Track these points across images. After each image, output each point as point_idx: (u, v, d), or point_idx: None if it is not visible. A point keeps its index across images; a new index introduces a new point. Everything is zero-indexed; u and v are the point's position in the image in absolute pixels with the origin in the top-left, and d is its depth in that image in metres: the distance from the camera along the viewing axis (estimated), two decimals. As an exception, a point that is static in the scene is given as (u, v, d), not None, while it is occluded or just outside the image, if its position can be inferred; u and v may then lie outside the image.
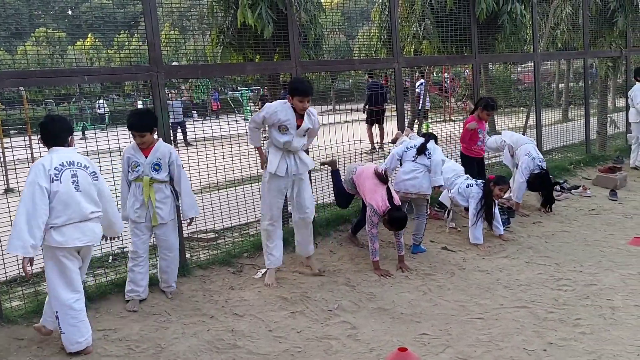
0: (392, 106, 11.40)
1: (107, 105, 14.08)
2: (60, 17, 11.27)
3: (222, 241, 5.67)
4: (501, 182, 5.86)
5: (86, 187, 3.66)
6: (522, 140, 7.09)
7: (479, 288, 4.87)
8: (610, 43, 10.05)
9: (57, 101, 14.93)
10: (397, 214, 5.03)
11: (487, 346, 3.86)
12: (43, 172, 3.51)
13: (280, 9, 5.41)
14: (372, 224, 5.13)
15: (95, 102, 15.87)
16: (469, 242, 5.90)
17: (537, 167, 6.78)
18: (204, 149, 5.38)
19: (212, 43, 5.65)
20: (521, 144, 6.99)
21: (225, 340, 3.98)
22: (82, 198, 3.62)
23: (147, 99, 17.52)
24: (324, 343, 3.96)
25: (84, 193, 3.64)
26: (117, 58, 5.54)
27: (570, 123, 11.32)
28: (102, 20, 7.05)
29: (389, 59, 6.80)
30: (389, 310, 4.46)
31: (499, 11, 7.30)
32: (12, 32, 6.97)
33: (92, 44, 9.37)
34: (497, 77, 11.17)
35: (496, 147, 7.34)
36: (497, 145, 7.28)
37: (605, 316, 4.26)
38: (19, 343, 3.89)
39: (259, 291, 4.79)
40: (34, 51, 5.25)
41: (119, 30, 6.80)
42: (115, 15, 7.52)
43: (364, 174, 5.31)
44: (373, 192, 5.15)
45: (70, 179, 3.59)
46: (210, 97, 14.85)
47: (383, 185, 5.15)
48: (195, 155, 5.32)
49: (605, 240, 6.05)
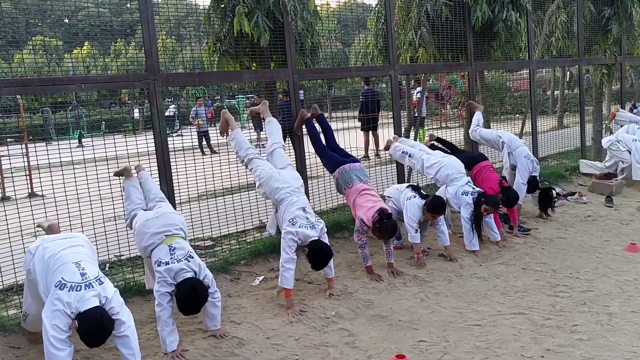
0: (387, 113, 11.48)
1: (104, 112, 14.07)
2: (57, 25, 11.29)
3: (219, 248, 5.66)
4: (490, 203, 5.83)
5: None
6: (519, 142, 7.10)
7: (476, 295, 4.88)
8: (605, 50, 10.11)
9: (53, 109, 14.94)
10: (388, 223, 5.06)
11: (485, 353, 3.87)
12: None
13: (276, 17, 5.44)
14: (361, 233, 5.19)
15: (94, 109, 15.87)
16: (466, 249, 5.91)
17: (535, 168, 6.84)
18: (201, 157, 5.39)
19: (209, 51, 5.66)
20: (518, 145, 7.00)
21: (223, 348, 3.97)
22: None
23: (143, 106, 17.57)
24: (321, 350, 3.96)
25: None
26: (114, 66, 5.55)
27: (566, 130, 11.37)
28: (99, 28, 7.07)
29: (385, 67, 6.83)
30: (386, 317, 4.46)
31: (494, 19, 7.35)
32: (8, 40, 6.98)
33: (88, 52, 9.38)
34: (492, 84, 11.21)
35: (490, 140, 7.30)
36: (492, 139, 7.25)
37: (602, 322, 4.27)
38: (16, 352, 3.88)
39: (256, 298, 4.79)
40: (31, 59, 5.25)
41: (115, 39, 6.81)
42: (111, 24, 7.55)
43: (356, 195, 5.37)
44: (364, 208, 5.21)
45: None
46: (205, 104, 14.88)
47: (374, 206, 5.19)
48: (192, 163, 5.32)
49: (601, 247, 6.07)
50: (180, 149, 5.27)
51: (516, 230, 6.49)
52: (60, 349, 3.13)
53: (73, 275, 3.30)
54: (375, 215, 5.08)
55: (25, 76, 4.62)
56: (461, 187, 6.01)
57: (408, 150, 6.41)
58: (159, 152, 4.89)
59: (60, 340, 3.14)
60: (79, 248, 3.56)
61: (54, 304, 3.19)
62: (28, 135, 9.64)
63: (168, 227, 4.10)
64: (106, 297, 3.31)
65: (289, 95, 5.80)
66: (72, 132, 17.49)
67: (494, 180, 6.39)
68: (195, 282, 3.86)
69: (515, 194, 6.36)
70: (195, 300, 3.84)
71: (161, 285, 3.86)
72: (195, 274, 3.92)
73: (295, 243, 4.61)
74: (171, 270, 3.85)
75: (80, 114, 17.90)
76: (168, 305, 3.86)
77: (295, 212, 4.72)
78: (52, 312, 3.17)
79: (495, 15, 7.33)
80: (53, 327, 3.14)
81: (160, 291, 3.85)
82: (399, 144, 6.50)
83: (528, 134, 9.22)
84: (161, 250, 3.97)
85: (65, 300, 3.19)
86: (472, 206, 5.87)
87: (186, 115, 15.11)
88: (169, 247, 3.97)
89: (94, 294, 3.27)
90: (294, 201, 4.80)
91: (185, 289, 3.80)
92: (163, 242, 4.02)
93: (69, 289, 3.23)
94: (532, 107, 8.92)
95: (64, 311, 3.17)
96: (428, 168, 6.20)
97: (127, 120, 16.08)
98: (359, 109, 11.48)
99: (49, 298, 3.25)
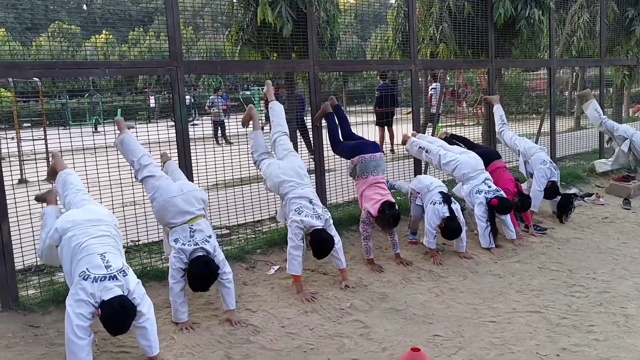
0: (401, 109, 11.44)
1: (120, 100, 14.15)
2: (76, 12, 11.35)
3: (235, 237, 5.69)
4: (499, 211, 5.86)
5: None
6: (534, 150, 7.02)
7: (492, 292, 4.86)
8: (627, 51, 9.99)
9: (70, 95, 15.06)
10: (390, 213, 5.16)
11: (500, 349, 3.86)
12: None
13: (300, 8, 5.43)
14: (367, 224, 5.29)
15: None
16: (481, 246, 5.89)
17: (554, 174, 6.78)
18: (213, 147, 5.41)
19: (231, 40, 5.68)
20: (534, 153, 6.94)
21: (239, 335, 4.00)
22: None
23: (159, 95, 17.57)
24: (336, 341, 3.97)
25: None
26: (133, 53, 5.58)
27: (583, 131, 11.27)
28: (117, 15, 7.10)
29: (406, 61, 6.80)
30: (401, 310, 4.46)
31: (516, 16, 7.28)
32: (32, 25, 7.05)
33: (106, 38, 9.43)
34: (509, 83, 11.14)
35: (509, 146, 7.30)
36: (510, 146, 7.24)
37: (618, 324, 4.24)
38: (35, 331, 3.93)
39: (271, 287, 4.81)
40: (56, 44, 5.30)
41: (136, 26, 6.85)
42: (130, 12, 7.59)
43: (366, 186, 5.42)
44: (372, 200, 5.30)
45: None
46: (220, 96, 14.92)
47: (382, 199, 5.27)
48: (205, 152, 5.35)
49: (618, 249, 6.02)
50: (197, 137, 5.30)
51: (532, 229, 6.46)
52: (82, 338, 3.20)
53: (98, 267, 3.36)
54: (380, 207, 5.19)
55: (52, 59, 4.65)
56: (476, 185, 5.98)
57: (425, 146, 6.39)
58: (179, 139, 4.92)
59: (83, 329, 3.21)
60: (106, 238, 3.61)
61: (77, 294, 3.25)
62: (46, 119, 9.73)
63: (191, 209, 4.23)
64: (129, 289, 3.38)
65: (309, 86, 5.80)
66: (88, 119, 17.64)
67: (508, 181, 6.36)
68: (208, 261, 4.02)
69: (529, 201, 6.35)
70: (205, 278, 4.01)
71: (177, 260, 4.06)
72: (209, 254, 4.08)
73: (301, 231, 4.67)
74: (186, 251, 4.04)
75: (97, 100, 18.05)
76: (182, 279, 4.06)
77: (300, 202, 4.79)
78: (76, 301, 3.23)
79: (518, 12, 7.27)
80: (77, 316, 3.20)
81: (175, 266, 4.06)
82: (416, 139, 6.49)
83: (544, 134, 9.15)
84: (183, 230, 4.14)
85: (89, 290, 3.25)
86: (485, 205, 5.84)
87: (202, 105, 15.17)
88: (190, 229, 4.14)
89: (118, 284, 3.33)
90: (299, 194, 4.84)
91: (197, 266, 3.99)
92: (185, 222, 4.16)
93: (93, 280, 3.29)
94: (551, 107, 8.85)
95: (87, 301, 3.23)
96: (445, 165, 6.18)
97: (142, 108, 16.18)
98: (375, 104, 11.45)
99: (73, 286, 3.31)
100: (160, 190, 4.26)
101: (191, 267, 4.00)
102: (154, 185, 4.30)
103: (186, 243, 4.06)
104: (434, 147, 6.35)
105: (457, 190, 6.26)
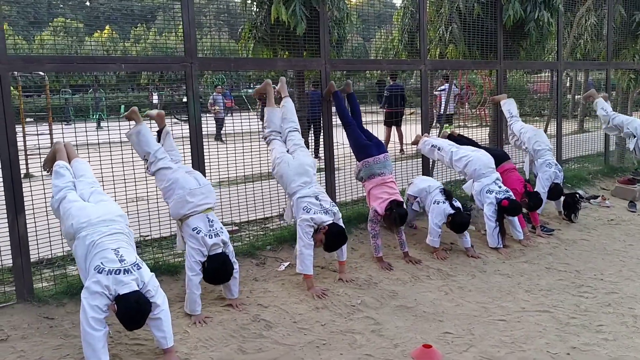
0: (409, 109, 11.46)
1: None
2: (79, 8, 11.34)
3: (245, 233, 5.73)
4: (509, 212, 5.89)
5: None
6: (541, 152, 7.04)
7: (500, 291, 4.90)
8: (634, 55, 10.03)
9: (73, 91, 15.07)
10: (397, 211, 5.22)
11: (510, 347, 3.90)
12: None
13: (313, 6, 5.46)
14: (374, 223, 5.37)
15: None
16: (489, 246, 5.93)
17: (558, 176, 6.81)
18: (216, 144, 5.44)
19: (244, 37, 5.71)
20: (540, 155, 6.97)
21: (251, 330, 4.03)
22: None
23: (162, 92, 17.58)
24: (348, 337, 4.01)
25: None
26: (145, 49, 5.60)
27: (589, 134, 11.30)
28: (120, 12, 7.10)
29: (415, 61, 6.83)
30: (411, 308, 4.50)
31: (525, 18, 7.32)
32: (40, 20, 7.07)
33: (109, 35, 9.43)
34: (512, 85, 11.17)
35: (519, 141, 7.29)
36: (520, 141, 7.25)
37: (627, 324, 4.29)
38: (50, 322, 3.96)
39: (282, 283, 4.84)
40: (70, 39, 5.32)
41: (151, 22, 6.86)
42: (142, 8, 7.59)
43: (374, 185, 5.47)
44: (379, 199, 5.37)
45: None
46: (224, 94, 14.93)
47: (389, 198, 5.33)
48: (225, 150, 5.39)
49: (624, 251, 6.06)
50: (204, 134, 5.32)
51: (539, 230, 6.49)
52: (98, 330, 3.24)
53: (112, 261, 3.40)
54: (388, 205, 5.25)
55: (69, 53, 4.67)
56: (487, 185, 6.00)
57: (437, 144, 6.46)
58: (192, 135, 4.94)
59: (99, 321, 3.25)
60: (119, 235, 3.65)
61: (92, 286, 3.29)
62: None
63: (209, 200, 4.36)
64: (143, 282, 3.43)
65: (320, 85, 5.83)
66: (91, 115, 17.64)
67: (517, 182, 6.39)
68: (226, 259, 4.20)
69: (540, 199, 6.38)
70: (222, 275, 4.23)
71: (197, 253, 4.15)
72: (225, 244, 4.26)
73: (311, 229, 4.71)
74: (208, 244, 4.14)
75: (100, 97, 18.04)
76: (200, 272, 4.16)
77: (308, 200, 4.83)
78: (91, 293, 3.27)
79: (527, 14, 7.30)
80: (92, 308, 3.24)
81: (195, 258, 4.15)
82: (428, 138, 6.56)
83: (549, 136, 9.16)
84: (200, 220, 4.23)
85: (104, 283, 3.29)
86: (495, 205, 5.88)
87: (204, 103, 15.19)
88: (207, 219, 4.25)
89: (132, 278, 3.37)
90: (305, 193, 4.88)
91: (216, 264, 4.15)
92: (202, 212, 4.28)
93: (107, 272, 3.33)
94: (558, 109, 8.88)
95: (103, 293, 3.27)
96: (457, 161, 6.21)
97: (145, 105, 16.19)
98: (383, 103, 11.49)
99: (89, 280, 3.35)
100: (179, 182, 4.33)
101: (210, 262, 4.14)
102: (169, 177, 4.36)
103: (207, 233, 4.17)
104: (446, 145, 6.41)
105: (467, 188, 6.29)
